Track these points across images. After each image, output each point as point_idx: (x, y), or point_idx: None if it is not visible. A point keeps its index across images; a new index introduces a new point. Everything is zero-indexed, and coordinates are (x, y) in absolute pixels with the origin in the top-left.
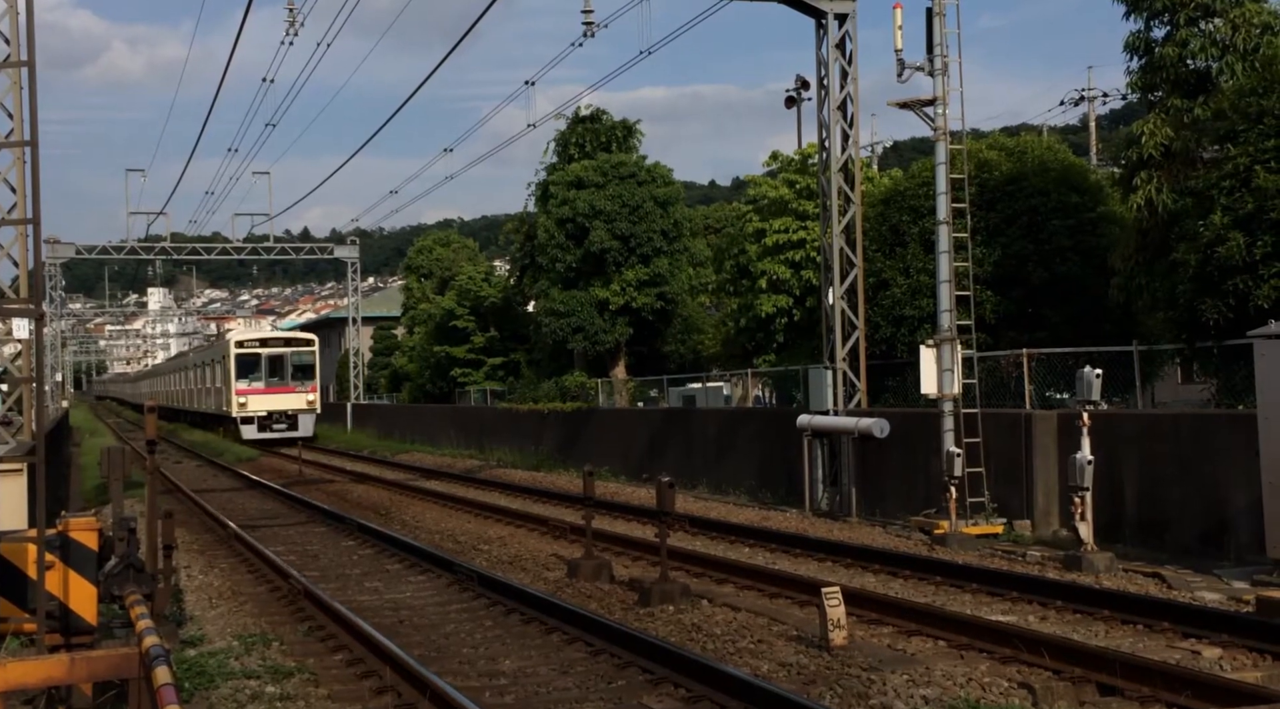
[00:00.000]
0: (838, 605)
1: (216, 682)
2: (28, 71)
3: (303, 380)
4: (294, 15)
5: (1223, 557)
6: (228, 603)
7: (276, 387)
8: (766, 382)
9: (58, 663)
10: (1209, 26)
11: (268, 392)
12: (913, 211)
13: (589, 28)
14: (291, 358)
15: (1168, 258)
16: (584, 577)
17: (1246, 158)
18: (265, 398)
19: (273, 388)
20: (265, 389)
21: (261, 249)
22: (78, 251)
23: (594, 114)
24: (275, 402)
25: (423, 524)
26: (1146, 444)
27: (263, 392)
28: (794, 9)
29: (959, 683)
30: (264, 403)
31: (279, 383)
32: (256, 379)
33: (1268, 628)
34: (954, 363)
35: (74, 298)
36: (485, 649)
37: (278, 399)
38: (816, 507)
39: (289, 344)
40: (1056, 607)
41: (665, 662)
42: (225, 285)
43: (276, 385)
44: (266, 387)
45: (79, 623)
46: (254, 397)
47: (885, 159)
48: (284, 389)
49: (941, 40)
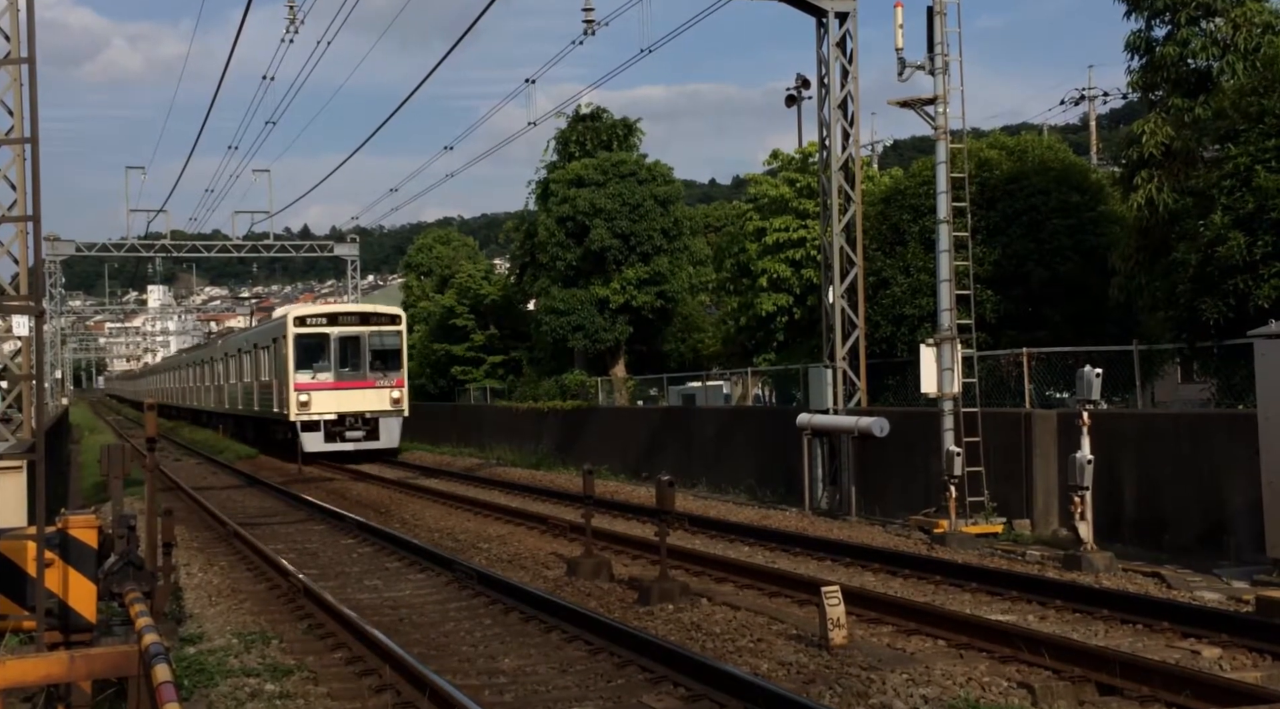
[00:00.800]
0: (837, 604)
1: (216, 679)
2: (28, 68)
3: (385, 371)
4: (294, 13)
5: (1222, 556)
6: (227, 601)
7: (350, 380)
8: (766, 380)
9: (57, 661)
10: (1210, 26)
11: (338, 386)
12: (913, 210)
13: (589, 26)
14: (370, 340)
15: (1168, 257)
16: (583, 575)
17: (1247, 157)
18: (335, 395)
19: (345, 382)
20: (335, 384)
21: (261, 247)
22: (78, 249)
23: (594, 112)
24: (348, 400)
25: (422, 522)
26: (1146, 444)
27: (332, 387)
28: (795, 7)
29: (958, 682)
30: (333, 402)
31: (354, 374)
32: (323, 369)
33: (1267, 628)
34: (954, 362)
35: (74, 295)
36: (484, 647)
37: (352, 397)
38: (816, 506)
39: (367, 321)
40: (1056, 606)
41: (665, 660)
42: (225, 283)
43: (350, 378)
44: (337, 380)
45: (78, 621)
46: (320, 393)
47: (885, 158)
48: (360, 383)
49: (942, 39)
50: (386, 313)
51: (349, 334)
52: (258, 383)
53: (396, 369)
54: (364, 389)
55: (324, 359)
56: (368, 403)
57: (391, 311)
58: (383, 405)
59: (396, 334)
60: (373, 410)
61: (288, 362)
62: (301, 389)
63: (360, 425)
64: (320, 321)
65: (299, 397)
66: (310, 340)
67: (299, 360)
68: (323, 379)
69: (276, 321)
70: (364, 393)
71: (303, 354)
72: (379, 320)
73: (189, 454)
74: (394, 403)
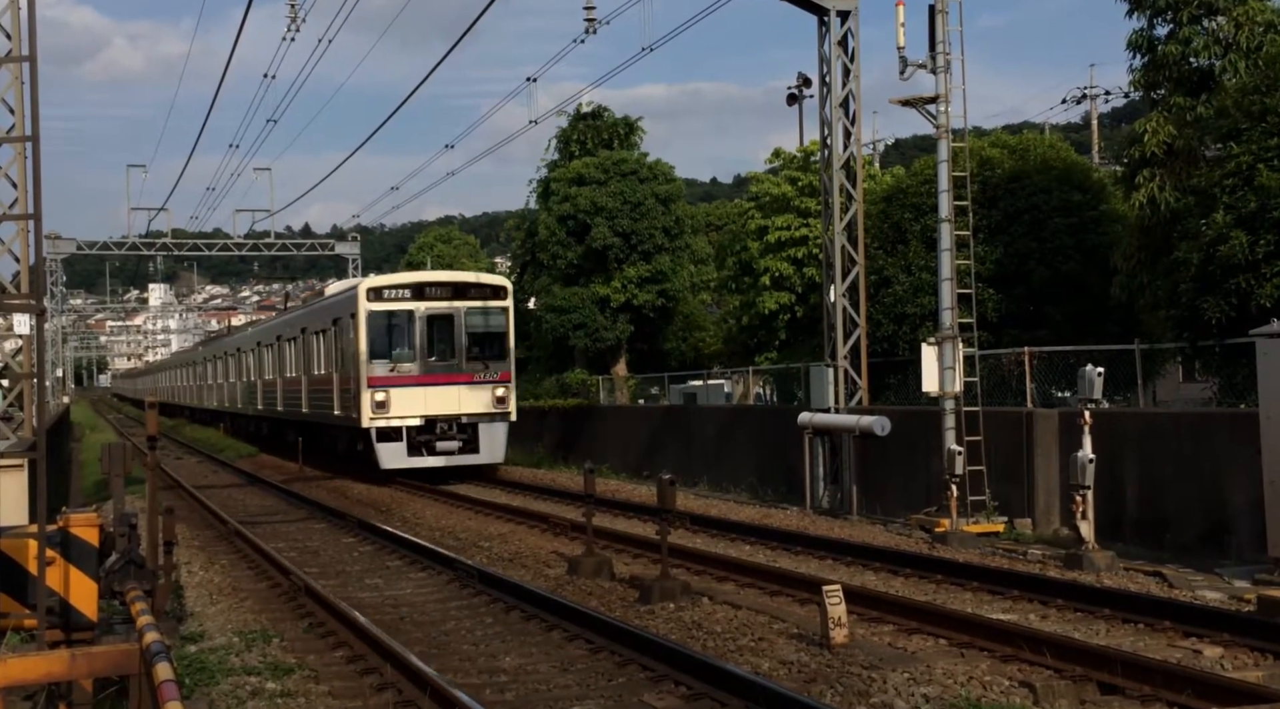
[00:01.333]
0: (838, 603)
1: (217, 678)
2: (29, 67)
3: (486, 361)
4: (295, 12)
5: (1224, 555)
6: (228, 599)
7: (441, 373)
8: (767, 379)
9: (58, 659)
10: (1212, 24)
11: (425, 382)
12: (915, 209)
13: (590, 24)
14: (468, 320)
15: (1170, 256)
16: (584, 574)
17: (1249, 156)
18: (421, 394)
19: (435, 376)
20: (421, 378)
21: (262, 245)
22: (79, 247)
23: (595, 111)
24: (439, 400)
25: (423, 521)
26: (1148, 443)
27: (417, 382)
28: (796, 6)
29: (960, 681)
30: (419, 402)
31: (446, 366)
32: (405, 359)
33: (1269, 627)
34: (955, 361)
35: (75, 294)
36: (485, 646)
37: (444, 396)
38: (817, 504)
39: (463, 294)
40: (1057, 605)
41: (666, 659)
42: (226, 281)
43: (441, 371)
44: (423, 373)
45: (79, 619)
46: (401, 391)
47: (887, 157)
48: (454, 377)
49: (944, 38)
50: (489, 284)
51: (439, 311)
52: (308, 378)
53: (501, 359)
54: (459, 385)
55: (406, 345)
56: (464, 403)
57: (495, 282)
58: (483, 406)
59: (501, 312)
60: (471, 413)
61: (358, 349)
62: (377, 385)
63: (455, 433)
64: (402, 294)
65: (374, 395)
66: (388, 320)
67: (373, 347)
68: (405, 372)
69: (340, 296)
70: (459, 390)
71: (378, 339)
72: (479, 293)
73: (190, 452)
74: (498, 403)
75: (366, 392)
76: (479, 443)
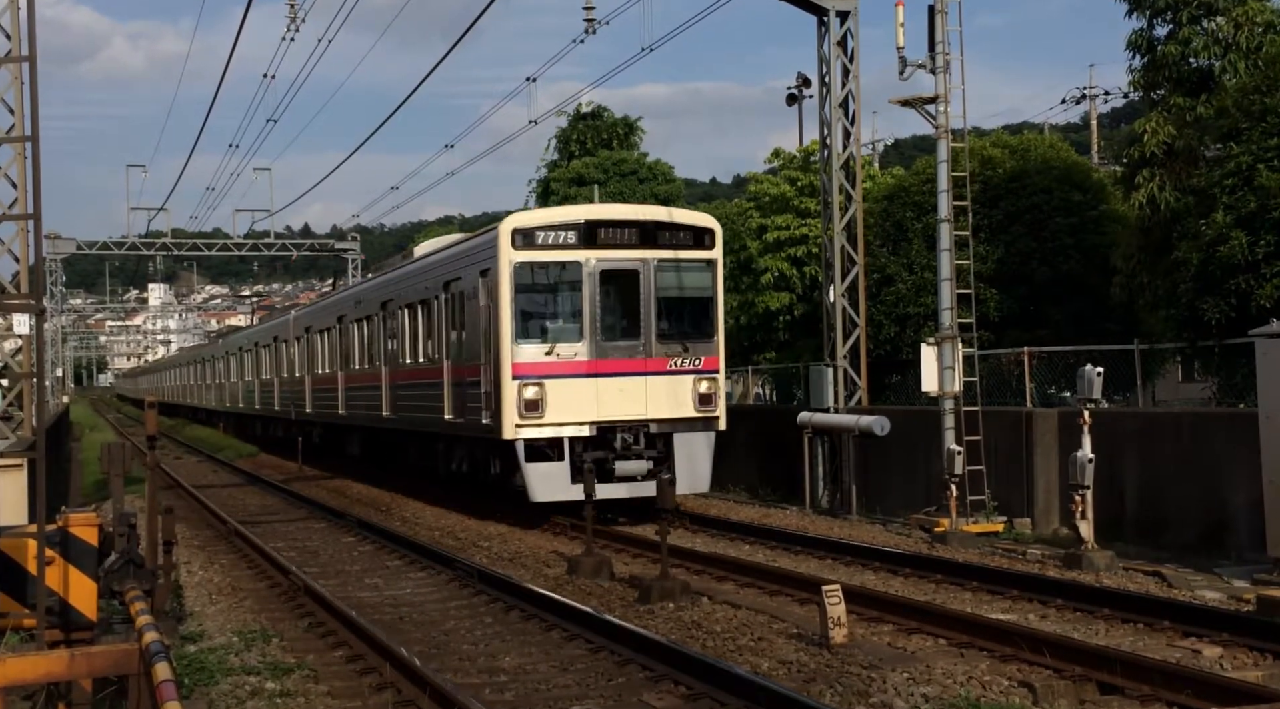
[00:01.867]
0: (838, 603)
1: (216, 678)
2: (29, 66)
3: (687, 340)
4: (295, 11)
5: (1223, 555)
6: (227, 599)
7: (622, 358)
8: (767, 379)
9: (57, 659)
10: (1211, 25)
11: (597, 369)
12: (917, 207)
13: (590, 24)
14: (658, 278)
15: (1169, 256)
16: (584, 574)
17: (1249, 156)
18: (591, 388)
19: (612, 361)
20: (591, 365)
21: (262, 245)
22: (78, 247)
23: (595, 111)
24: (619, 397)
25: (422, 521)
26: (1147, 443)
27: (585, 370)
28: (796, 6)
29: (959, 681)
30: (587, 401)
31: (629, 347)
32: (568, 337)
33: (1268, 627)
34: (955, 360)
35: (74, 293)
36: (485, 646)
37: (625, 391)
38: (817, 504)
39: (651, 238)
40: (1057, 605)
41: (665, 659)
42: (226, 281)
43: (622, 355)
44: (595, 358)
45: (79, 619)
46: (560, 385)
47: (886, 157)
48: (641, 363)
49: (943, 37)
50: (689, 223)
51: (619, 265)
52: (392, 369)
53: (707, 337)
54: (648, 376)
55: (569, 316)
56: (655, 404)
57: (698, 221)
58: (681, 408)
59: (707, 267)
60: (663, 419)
61: (498, 320)
62: (526, 376)
63: (640, 449)
64: (563, 239)
65: (522, 391)
66: (543, 278)
67: (523, 319)
68: (567, 357)
69: (460, 248)
70: (647, 384)
71: (529, 306)
72: (676, 238)
73: (189, 452)
74: (702, 403)
75: (511, 385)
76: (674, 462)
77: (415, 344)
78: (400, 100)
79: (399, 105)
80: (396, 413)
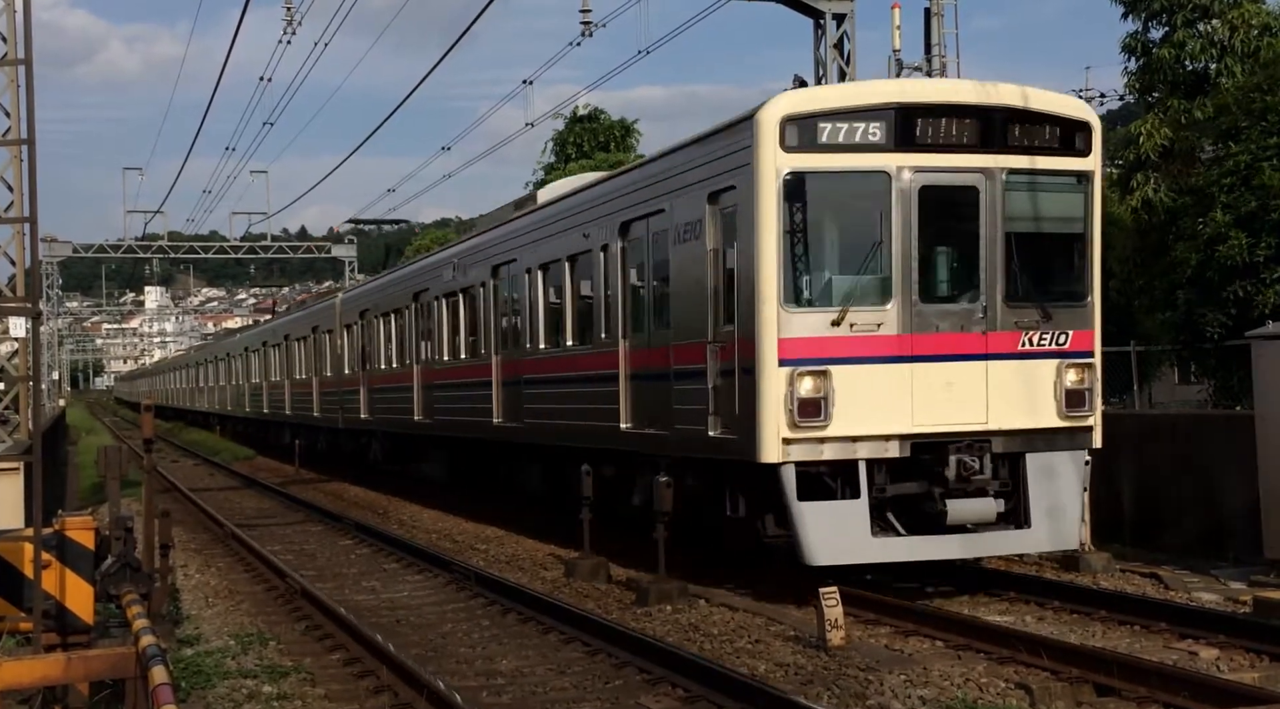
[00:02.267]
0: (835, 605)
1: (213, 681)
2: (25, 69)
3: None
4: (291, 14)
5: (1220, 557)
6: (224, 602)
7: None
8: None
9: (54, 662)
10: (1207, 28)
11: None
12: None
13: (587, 27)
14: (1009, 198)
15: (1166, 257)
16: (581, 576)
17: (1248, 155)
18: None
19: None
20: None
21: (259, 248)
22: (74, 250)
23: (592, 113)
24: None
25: (420, 523)
26: (1144, 445)
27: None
28: (792, 9)
29: (956, 683)
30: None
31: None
32: (868, 295)
33: (1265, 628)
34: None
35: (71, 296)
36: (482, 649)
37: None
38: None
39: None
40: (1054, 607)
41: (663, 661)
42: (222, 284)
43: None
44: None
45: (75, 622)
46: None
47: None
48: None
49: (939, 40)
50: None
51: (946, 179)
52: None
53: (1075, 298)
54: (985, 360)
55: (863, 263)
56: (998, 405)
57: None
58: (1038, 413)
59: (1076, 184)
60: (1011, 430)
61: (756, 269)
62: (799, 358)
63: (984, 479)
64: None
65: (796, 381)
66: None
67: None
68: (864, 327)
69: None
70: (985, 372)
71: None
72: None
73: (186, 455)
74: (1070, 403)
75: (776, 376)
76: (1027, 499)
77: (560, 320)
78: (397, 103)
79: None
80: (513, 419)
